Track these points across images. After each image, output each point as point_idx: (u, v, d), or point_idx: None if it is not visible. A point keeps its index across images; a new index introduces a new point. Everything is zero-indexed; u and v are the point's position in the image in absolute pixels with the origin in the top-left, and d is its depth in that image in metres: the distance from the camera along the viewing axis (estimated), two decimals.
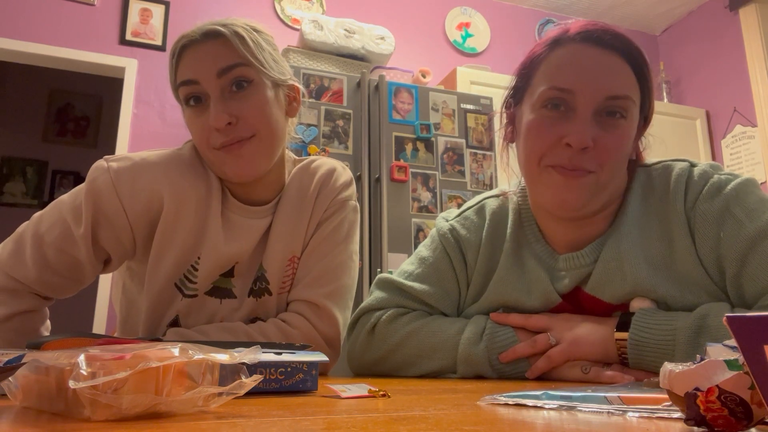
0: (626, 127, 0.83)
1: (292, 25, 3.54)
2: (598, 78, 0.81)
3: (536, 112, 0.85)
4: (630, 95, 0.83)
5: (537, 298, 0.90)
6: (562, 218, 0.88)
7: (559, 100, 0.83)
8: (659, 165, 0.92)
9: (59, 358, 0.40)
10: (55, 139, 4.84)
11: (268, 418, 0.40)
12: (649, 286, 0.82)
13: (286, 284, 1.02)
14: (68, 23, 3.16)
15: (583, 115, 0.81)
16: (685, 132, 3.92)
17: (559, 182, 0.82)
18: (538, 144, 0.84)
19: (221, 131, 0.89)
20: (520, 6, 4.21)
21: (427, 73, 3.20)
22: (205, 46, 0.91)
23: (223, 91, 0.90)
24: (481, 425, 0.37)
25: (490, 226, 0.98)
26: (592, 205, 0.85)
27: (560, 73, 0.84)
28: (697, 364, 0.33)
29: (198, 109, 0.91)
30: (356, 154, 2.59)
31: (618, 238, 0.86)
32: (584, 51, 0.83)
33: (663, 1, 4.16)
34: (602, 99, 0.81)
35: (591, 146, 0.80)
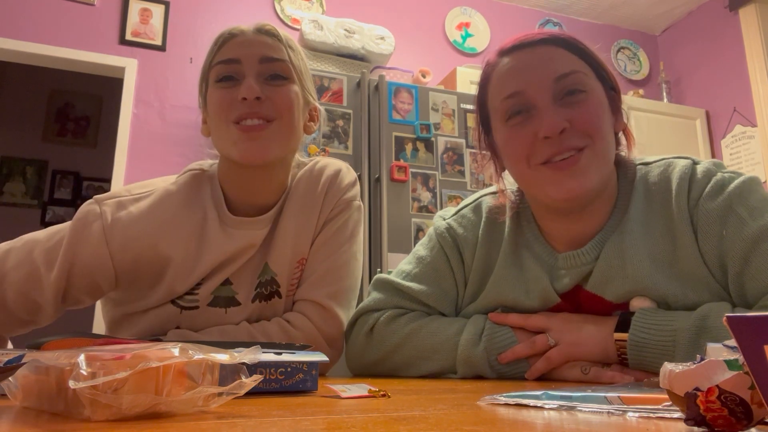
0: (591, 98, 0.83)
1: (292, 25, 3.54)
2: (537, 68, 0.83)
3: (504, 127, 0.87)
4: (575, 68, 0.84)
5: (535, 298, 0.89)
6: (565, 210, 0.87)
7: (517, 106, 0.84)
8: (661, 162, 0.91)
9: (59, 358, 0.40)
10: (55, 139, 4.84)
11: (268, 418, 0.40)
12: (651, 284, 0.81)
13: (294, 286, 1.00)
14: (68, 23, 3.16)
15: (544, 105, 0.82)
16: (685, 132, 3.92)
17: (555, 176, 0.82)
18: (519, 150, 0.85)
19: (246, 103, 0.89)
20: (520, 6, 4.21)
21: (427, 73, 3.20)
22: (259, 37, 0.94)
23: (259, 76, 0.91)
24: (481, 425, 0.37)
25: (487, 224, 0.98)
26: (600, 179, 0.84)
27: (504, 83, 0.86)
28: (697, 364, 0.32)
29: (229, 84, 0.92)
30: (356, 154, 2.59)
31: (620, 234, 0.85)
32: (516, 56, 0.86)
33: (663, 2, 4.16)
34: (552, 83, 0.82)
35: (567, 126, 0.81)
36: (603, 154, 0.83)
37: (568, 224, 0.89)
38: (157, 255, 0.92)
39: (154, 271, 0.93)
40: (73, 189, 4.81)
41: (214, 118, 0.93)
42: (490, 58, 0.90)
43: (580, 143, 0.81)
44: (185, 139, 3.14)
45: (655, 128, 3.81)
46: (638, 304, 0.82)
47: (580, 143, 0.81)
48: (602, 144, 0.82)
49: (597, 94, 0.84)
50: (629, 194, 0.89)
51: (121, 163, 3.06)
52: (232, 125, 0.90)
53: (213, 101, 0.93)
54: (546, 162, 0.82)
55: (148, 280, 0.94)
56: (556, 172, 0.82)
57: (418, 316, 0.97)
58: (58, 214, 4.69)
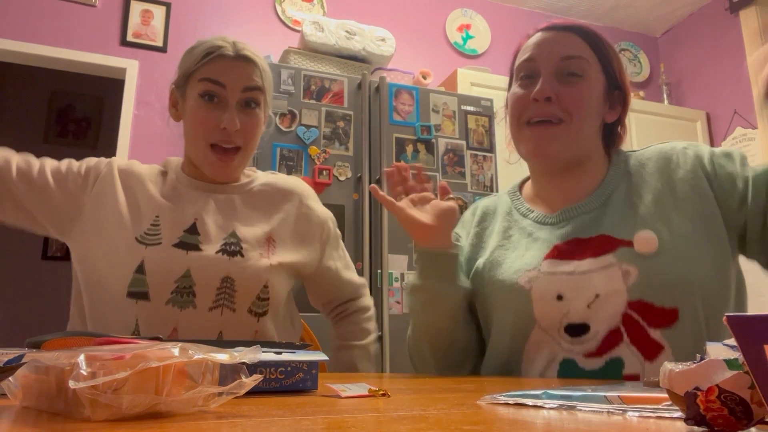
0: (585, 83, 0.97)
1: (293, 27, 3.55)
2: (552, 46, 0.99)
3: (515, 84, 1.03)
4: (582, 56, 0.98)
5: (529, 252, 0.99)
6: (550, 171, 1.02)
7: (528, 69, 1.00)
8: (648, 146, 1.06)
9: (59, 358, 0.40)
10: (55, 140, 4.85)
11: (268, 418, 0.40)
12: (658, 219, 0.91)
13: (263, 255, 1.11)
14: (69, 24, 3.16)
15: (546, 74, 0.97)
16: (686, 134, 3.92)
17: (533, 135, 0.98)
18: (516, 108, 1.01)
19: (226, 132, 1.08)
20: (521, 8, 4.22)
21: (428, 74, 3.20)
22: (240, 63, 1.11)
23: (238, 103, 1.10)
24: (481, 425, 0.37)
25: (481, 216, 1.13)
26: (567, 151, 0.98)
27: (527, 49, 1.02)
28: (697, 363, 0.32)
29: (211, 106, 1.09)
30: (357, 156, 2.59)
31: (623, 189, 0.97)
32: (542, 34, 1.02)
33: (663, 3, 4.17)
34: (557, 60, 0.97)
35: (554, 97, 0.95)
36: (576, 133, 0.97)
37: (559, 183, 1.02)
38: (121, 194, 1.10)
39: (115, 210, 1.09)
40: None
41: (193, 132, 1.12)
42: (530, 32, 1.06)
43: (559, 116, 0.96)
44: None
45: (655, 130, 3.81)
46: (643, 236, 0.90)
47: (559, 116, 0.96)
48: (579, 124, 0.96)
49: (592, 82, 0.98)
50: (624, 165, 1.01)
51: None
52: (207, 147, 1.10)
53: (194, 114, 1.10)
54: (528, 122, 0.98)
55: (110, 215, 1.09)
56: (532, 131, 0.98)
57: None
58: None
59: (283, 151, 2.48)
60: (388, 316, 2.42)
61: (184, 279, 1.03)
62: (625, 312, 0.87)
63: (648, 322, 0.86)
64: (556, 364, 0.91)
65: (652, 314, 0.86)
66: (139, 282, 1.01)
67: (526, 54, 1.01)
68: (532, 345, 0.95)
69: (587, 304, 0.89)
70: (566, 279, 0.92)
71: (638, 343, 0.86)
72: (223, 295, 1.04)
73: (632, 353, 0.86)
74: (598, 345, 0.88)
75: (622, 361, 0.86)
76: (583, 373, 0.89)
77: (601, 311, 0.88)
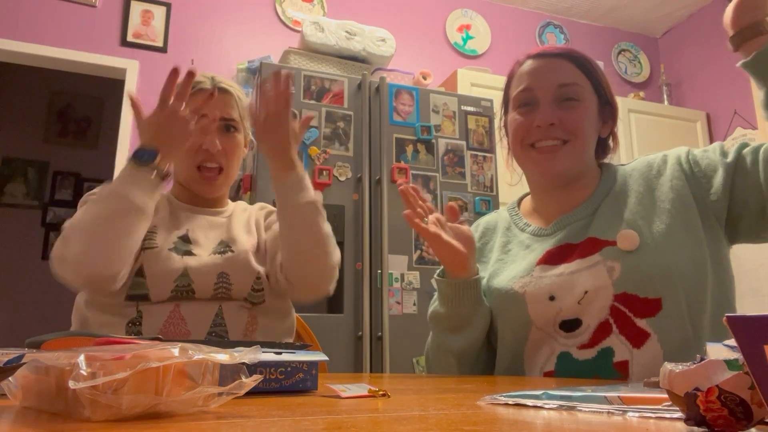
0: (582, 106, 1.05)
1: (293, 27, 3.55)
2: (547, 74, 1.06)
3: (514, 112, 1.10)
4: (576, 82, 1.06)
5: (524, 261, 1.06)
6: (553, 186, 1.09)
7: (526, 99, 1.07)
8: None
9: (59, 358, 0.40)
10: (56, 140, 4.85)
11: (268, 418, 0.40)
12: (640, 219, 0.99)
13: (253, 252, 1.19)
14: (69, 24, 3.16)
15: (545, 102, 1.05)
16: (686, 134, 3.92)
17: (542, 157, 1.05)
18: (518, 132, 1.08)
19: (208, 152, 1.19)
20: (521, 8, 4.22)
21: (428, 75, 3.20)
22: (218, 96, 1.19)
23: (219, 129, 1.21)
24: (481, 425, 0.37)
25: (482, 232, 1.21)
26: (574, 167, 1.06)
27: (523, 79, 1.09)
28: (697, 364, 0.32)
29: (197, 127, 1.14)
30: (357, 156, 2.59)
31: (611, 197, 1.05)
32: (537, 61, 1.09)
33: (664, 4, 4.17)
34: (555, 88, 1.05)
35: (556, 123, 1.03)
36: (581, 150, 1.05)
37: (558, 196, 1.10)
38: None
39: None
40: (74, 190, 4.82)
41: (185, 152, 1.18)
42: (520, 58, 1.13)
43: (564, 137, 1.04)
44: None
45: (655, 130, 3.81)
46: (625, 234, 0.97)
47: (564, 137, 1.04)
48: (582, 141, 1.05)
49: (588, 104, 1.06)
50: (613, 177, 1.09)
51: (121, 165, 3.04)
52: (194, 168, 1.20)
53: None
54: (533, 145, 1.06)
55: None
56: (539, 154, 1.06)
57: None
58: (59, 215, 4.69)
59: None
60: (388, 316, 2.42)
61: (183, 278, 1.08)
62: (612, 304, 0.94)
63: (634, 313, 0.93)
64: (554, 358, 0.98)
65: (637, 305, 0.93)
66: (139, 285, 1.06)
67: (523, 84, 1.08)
68: (532, 344, 1.02)
69: (577, 300, 0.97)
70: (556, 280, 1.00)
71: (626, 332, 0.93)
72: (221, 288, 1.11)
73: (621, 342, 0.93)
74: (590, 337, 0.95)
75: (612, 350, 0.93)
76: (577, 363, 0.95)
77: (590, 306, 0.96)
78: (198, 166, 1.20)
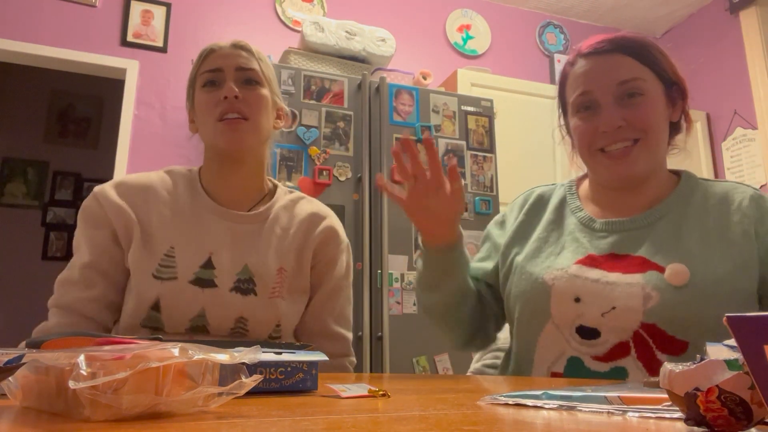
0: (648, 100, 1.00)
1: (293, 27, 3.55)
2: (605, 74, 1.00)
3: (575, 117, 1.05)
4: (637, 76, 1.00)
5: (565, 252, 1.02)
6: (617, 188, 1.04)
7: (586, 102, 1.02)
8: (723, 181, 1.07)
9: (59, 358, 0.40)
10: (56, 140, 4.84)
11: (268, 418, 0.40)
12: (696, 258, 0.92)
13: (276, 291, 1.09)
14: (69, 25, 3.16)
15: (606, 104, 0.99)
16: None
17: (608, 163, 1.01)
18: (583, 138, 1.03)
19: (227, 101, 1.08)
20: (521, 8, 4.22)
21: (428, 75, 3.20)
22: (233, 50, 1.13)
23: (236, 81, 1.11)
24: (481, 425, 0.37)
25: (532, 204, 1.15)
26: (649, 166, 1.01)
27: (578, 82, 1.03)
28: (697, 364, 0.32)
29: (213, 89, 1.11)
30: (357, 156, 2.59)
31: (678, 215, 0.99)
32: (590, 61, 1.03)
33: (664, 4, 4.17)
34: (614, 87, 0.99)
35: (623, 124, 0.98)
36: (654, 146, 1.00)
37: (618, 196, 1.05)
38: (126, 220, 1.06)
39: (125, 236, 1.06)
40: (74, 190, 4.81)
41: (201, 115, 1.12)
42: (571, 57, 1.08)
43: (635, 136, 0.98)
44: (186, 141, 3.14)
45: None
46: (677, 268, 0.91)
47: (635, 136, 0.98)
48: (654, 137, 0.99)
49: (653, 95, 1.00)
50: (690, 191, 1.02)
51: (122, 165, 3.06)
52: (216, 121, 1.08)
53: (200, 102, 1.12)
54: (602, 149, 1.01)
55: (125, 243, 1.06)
56: (610, 159, 1.00)
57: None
58: (59, 215, 4.69)
59: (283, 152, 2.48)
60: (388, 316, 2.42)
61: (199, 318, 1.03)
62: (638, 330, 0.91)
63: (657, 346, 0.90)
64: (564, 360, 0.96)
65: (662, 340, 0.90)
66: (154, 319, 1.01)
67: (580, 87, 1.02)
68: (544, 338, 0.99)
69: (602, 312, 0.93)
70: (588, 284, 0.96)
71: (644, 360, 0.90)
72: (235, 334, 1.05)
73: (637, 368, 0.90)
74: (606, 352, 0.92)
75: (627, 372, 0.90)
76: (588, 373, 0.93)
77: (613, 323, 0.92)
78: (220, 120, 1.09)
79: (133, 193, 1.08)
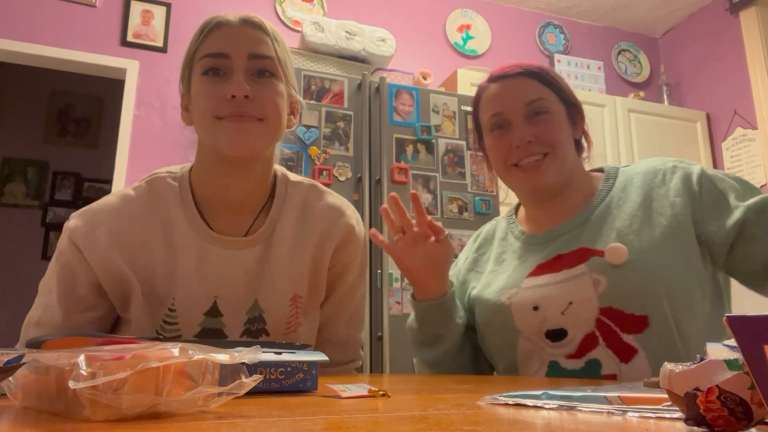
0: (552, 117, 1.07)
1: (293, 27, 3.55)
2: (513, 95, 1.08)
3: (489, 137, 1.12)
4: (542, 96, 1.08)
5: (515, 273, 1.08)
6: (543, 199, 1.10)
7: (499, 121, 1.09)
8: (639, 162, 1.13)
9: (59, 358, 0.40)
10: (56, 140, 4.84)
11: (268, 418, 0.40)
12: (632, 233, 0.97)
13: (291, 324, 0.95)
14: (69, 24, 3.16)
15: (517, 122, 1.07)
16: (686, 134, 3.92)
17: (524, 176, 1.07)
18: (498, 155, 1.10)
19: (234, 102, 0.87)
20: (521, 8, 4.22)
21: (428, 75, 3.20)
22: (244, 29, 0.92)
23: (247, 71, 0.90)
24: (481, 425, 0.37)
25: (480, 242, 1.23)
26: (558, 178, 1.06)
27: (490, 103, 1.11)
28: (697, 364, 0.32)
29: (216, 79, 0.90)
30: (357, 156, 2.59)
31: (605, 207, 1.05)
32: (501, 84, 1.11)
33: (664, 4, 4.17)
34: (523, 106, 1.07)
35: (533, 139, 1.05)
36: (561, 158, 1.06)
37: (546, 208, 1.11)
38: (118, 270, 0.89)
39: (119, 290, 0.90)
40: (73, 190, 4.81)
41: (199, 110, 0.91)
42: (483, 83, 1.15)
43: (543, 150, 1.05)
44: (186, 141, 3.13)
45: (655, 131, 3.81)
46: (614, 247, 0.96)
47: (543, 150, 1.05)
48: (561, 151, 1.06)
49: (557, 114, 1.08)
50: (611, 183, 1.08)
51: (122, 165, 3.06)
52: (217, 120, 0.89)
53: (200, 93, 0.90)
54: (516, 164, 1.07)
55: (119, 300, 0.91)
56: (524, 173, 1.06)
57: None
58: (59, 215, 4.69)
59: (283, 152, 2.48)
60: (388, 316, 2.42)
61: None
62: (598, 317, 0.94)
63: (620, 328, 0.93)
64: (544, 367, 0.99)
65: (623, 320, 0.93)
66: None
67: (492, 109, 1.10)
68: (522, 354, 1.03)
69: (561, 311, 0.97)
70: (541, 290, 1.01)
71: (613, 346, 0.93)
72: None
73: (608, 355, 0.93)
74: (577, 347, 0.96)
75: (600, 363, 0.93)
76: (566, 373, 0.96)
77: (575, 317, 0.96)
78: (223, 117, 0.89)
79: (123, 234, 0.90)
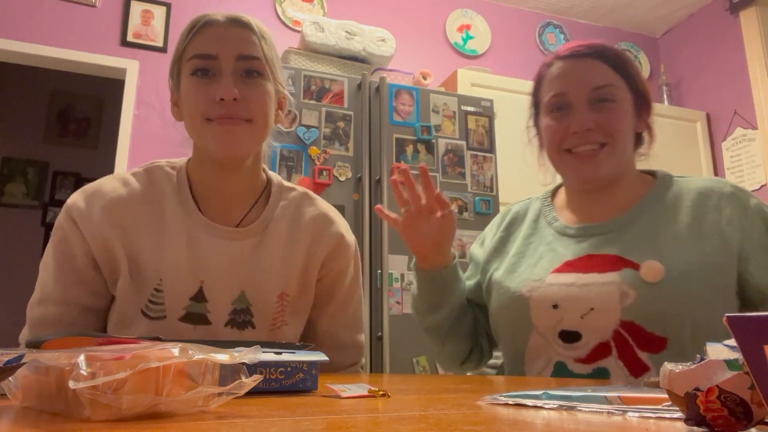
0: (618, 106, 1.02)
1: (293, 27, 3.55)
2: (579, 77, 1.03)
3: (547, 117, 1.07)
4: (611, 83, 1.02)
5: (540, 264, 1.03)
6: (591, 190, 1.05)
7: (559, 103, 1.04)
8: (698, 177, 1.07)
9: (59, 358, 0.40)
10: (56, 140, 4.84)
11: (268, 418, 0.40)
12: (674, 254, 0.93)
13: (277, 320, 0.99)
14: (69, 25, 3.16)
15: (579, 107, 1.01)
16: (686, 134, 3.92)
17: (575, 163, 1.03)
18: (553, 138, 1.05)
19: (223, 104, 0.91)
20: (521, 8, 4.22)
21: (428, 75, 3.20)
22: (232, 29, 0.94)
23: (235, 73, 0.93)
24: (481, 425, 0.37)
25: (510, 221, 1.18)
26: (613, 170, 1.02)
27: (554, 83, 1.06)
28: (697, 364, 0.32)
29: (204, 80, 0.93)
30: (357, 156, 2.59)
31: (652, 215, 1.00)
32: (567, 63, 1.06)
33: (664, 4, 4.17)
34: (588, 91, 1.01)
35: (593, 127, 1.00)
36: (620, 152, 1.02)
37: (593, 199, 1.06)
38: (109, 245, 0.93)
39: (110, 266, 0.94)
40: (73, 190, 4.78)
41: (189, 111, 0.94)
42: (548, 59, 1.10)
43: (602, 140, 1.00)
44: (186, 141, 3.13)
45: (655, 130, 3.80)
46: (651, 265, 0.92)
47: (602, 140, 1.00)
48: (621, 143, 1.01)
49: (624, 103, 1.03)
50: (663, 192, 1.03)
51: (122, 165, 3.06)
52: (206, 122, 0.92)
53: (189, 94, 0.94)
54: (570, 150, 1.02)
55: (109, 274, 0.95)
56: (577, 160, 1.02)
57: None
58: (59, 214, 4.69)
59: (283, 152, 2.48)
60: (388, 316, 2.42)
61: None
62: (617, 329, 0.92)
63: (637, 344, 0.91)
64: (551, 366, 0.97)
65: (642, 337, 0.91)
66: None
67: (555, 89, 1.04)
68: (532, 348, 1.01)
69: (581, 314, 0.94)
70: (564, 290, 0.98)
71: (625, 359, 0.91)
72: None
73: (619, 367, 0.91)
74: (588, 353, 0.94)
75: (609, 372, 0.91)
76: (571, 376, 0.95)
77: (593, 323, 0.93)
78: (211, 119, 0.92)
79: (117, 212, 0.95)
